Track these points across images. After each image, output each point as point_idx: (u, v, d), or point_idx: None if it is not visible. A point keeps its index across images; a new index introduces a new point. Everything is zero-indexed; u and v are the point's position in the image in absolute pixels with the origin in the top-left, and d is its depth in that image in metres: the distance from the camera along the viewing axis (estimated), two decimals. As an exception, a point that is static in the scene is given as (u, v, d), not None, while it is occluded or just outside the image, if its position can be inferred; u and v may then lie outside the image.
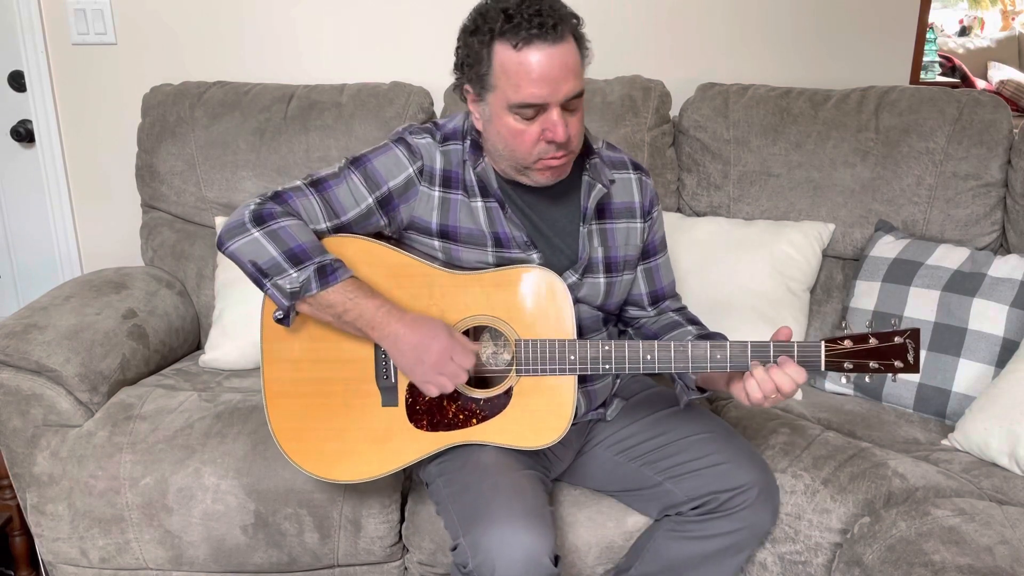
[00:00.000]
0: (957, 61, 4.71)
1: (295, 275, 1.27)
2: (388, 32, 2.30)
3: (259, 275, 1.29)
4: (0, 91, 2.39)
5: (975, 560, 1.28)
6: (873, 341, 1.26)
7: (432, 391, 1.30)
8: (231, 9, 2.27)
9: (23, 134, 2.39)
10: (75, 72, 2.32)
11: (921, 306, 1.81)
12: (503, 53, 1.24)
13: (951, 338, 1.76)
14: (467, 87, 1.32)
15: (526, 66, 1.22)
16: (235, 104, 2.12)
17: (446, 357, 1.28)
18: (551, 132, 1.26)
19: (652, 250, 1.53)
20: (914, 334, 1.25)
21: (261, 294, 1.35)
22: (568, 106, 1.26)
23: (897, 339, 1.26)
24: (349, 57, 2.31)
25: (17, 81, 2.37)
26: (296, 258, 1.27)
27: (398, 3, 2.27)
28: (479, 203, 1.38)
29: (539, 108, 1.25)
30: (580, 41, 1.28)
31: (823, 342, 1.27)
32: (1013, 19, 5.23)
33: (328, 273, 1.27)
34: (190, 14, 2.27)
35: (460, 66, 1.31)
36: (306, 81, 2.21)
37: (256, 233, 1.28)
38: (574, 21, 1.27)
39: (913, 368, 1.26)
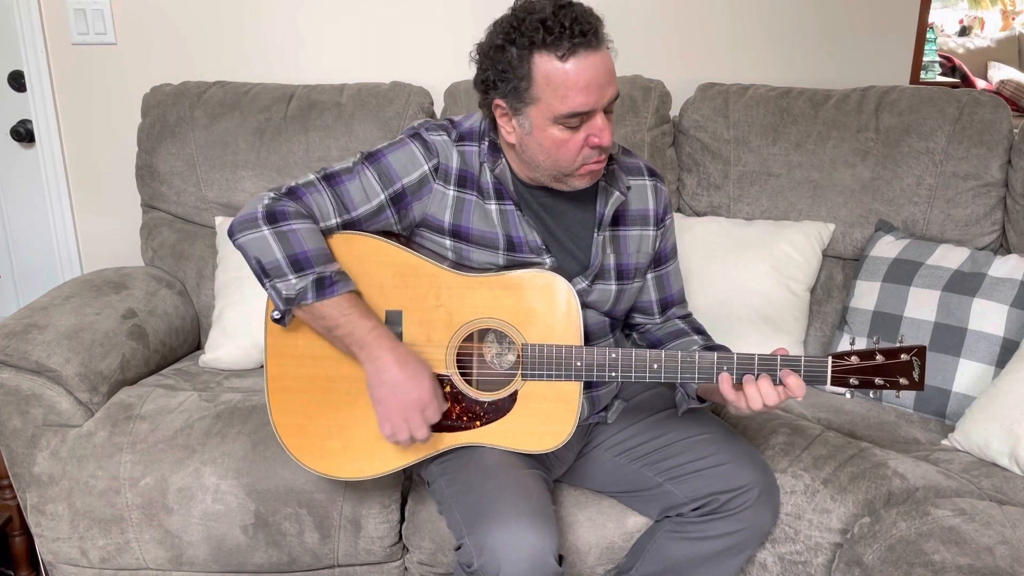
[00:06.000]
0: (957, 61, 4.71)
1: (294, 282, 1.26)
2: (388, 32, 2.30)
3: (261, 273, 1.29)
4: (0, 91, 2.39)
5: (975, 560, 1.28)
6: (880, 358, 1.26)
7: (386, 430, 1.29)
8: (231, 9, 2.27)
9: (23, 134, 2.39)
10: (75, 72, 2.32)
11: (921, 306, 1.81)
12: (546, 65, 1.21)
13: (951, 338, 1.76)
14: (499, 102, 1.28)
15: (573, 76, 1.20)
16: (235, 104, 2.12)
17: (419, 408, 1.28)
18: (597, 138, 1.25)
19: (663, 257, 1.52)
20: (920, 352, 1.25)
21: (261, 293, 1.35)
22: (607, 109, 1.26)
23: (903, 356, 1.25)
24: (349, 57, 2.31)
25: (17, 81, 2.37)
26: (298, 265, 1.27)
27: (398, 3, 2.27)
28: (493, 205, 1.37)
29: (584, 116, 1.24)
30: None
31: (830, 357, 1.27)
32: (1013, 19, 5.23)
33: (326, 285, 1.26)
34: (190, 14, 2.27)
35: (491, 82, 1.27)
36: (306, 81, 2.21)
37: (265, 231, 1.27)
38: (601, 26, 1.25)
39: (918, 386, 1.26)
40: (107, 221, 2.42)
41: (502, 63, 1.24)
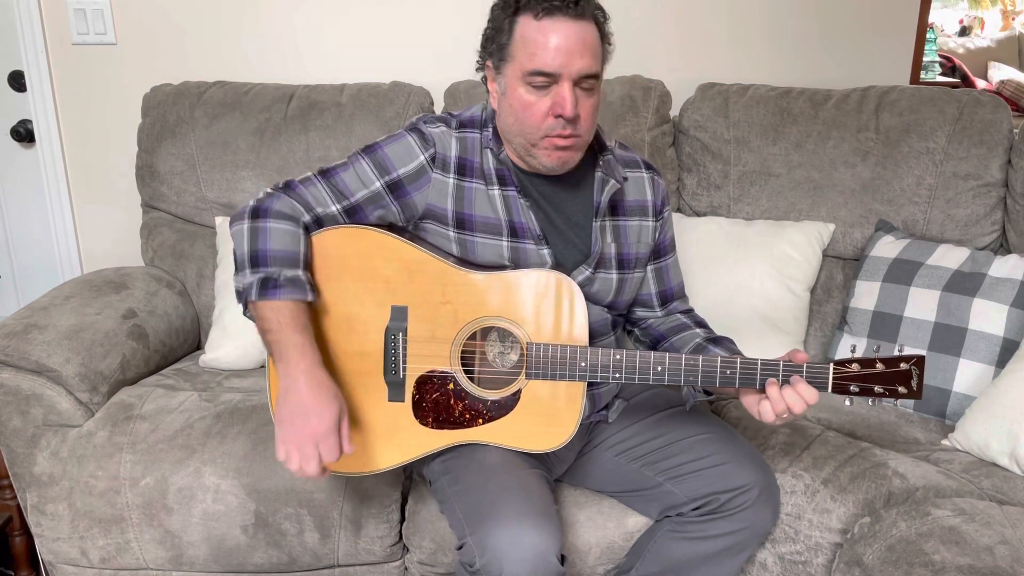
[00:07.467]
0: (957, 61, 4.71)
1: (247, 275, 1.28)
2: (388, 32, 2.30)
3: (235, 264, 1.32)
4: (0, 91, 2.39)
5: (975, 560, 1.28)
6: (880, 366, 1.27)
7: (280, 454, 1.24)
8: (231, 9, 2.27)
9: (23, 134, 2.39)
10: (75, 72, 2.32)
11: (921, 306, 1.81)
12: (525, 24, 1.27)
13: (951, 338, 1.76)
14: (488, 63, 1.34)
15: (544, 35, 1.25)
16: (235, 104, 2.12)
17: (314, 440, 1.23)
18: (559, 106, 1.26)
19: (662, 250, 1.54)
20: (919, 361, 1.27)
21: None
22: (582, 85, 1.28)
23: (903, 365, 1.27)
24: (349, 57, 2.31)
25: (17, 81, 2.37)
26: (255, 260, 1.28)
27: (398, 3, 2.27)
28: (496, 191, 1.38)
29: (551, 80, 1.26)
30: (602, 31, 1.30)
31: (831, 364, 1.28)
32: (1013, 19, 5.23)
33: (269, 287, 1.26)
34: (190, 14, 2.27)
35: (485, 41, 1.34)
36: (306, 81, 2.21)
37: (245, 224, 1.30)
38: (598, 11, 1.30)
39: (916, 394, 1.28)
40: (107, 221, 2.42)
41: (495, 21, 1.31)
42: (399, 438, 1.37)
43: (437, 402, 1.36)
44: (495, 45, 1.31)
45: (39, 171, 2.39)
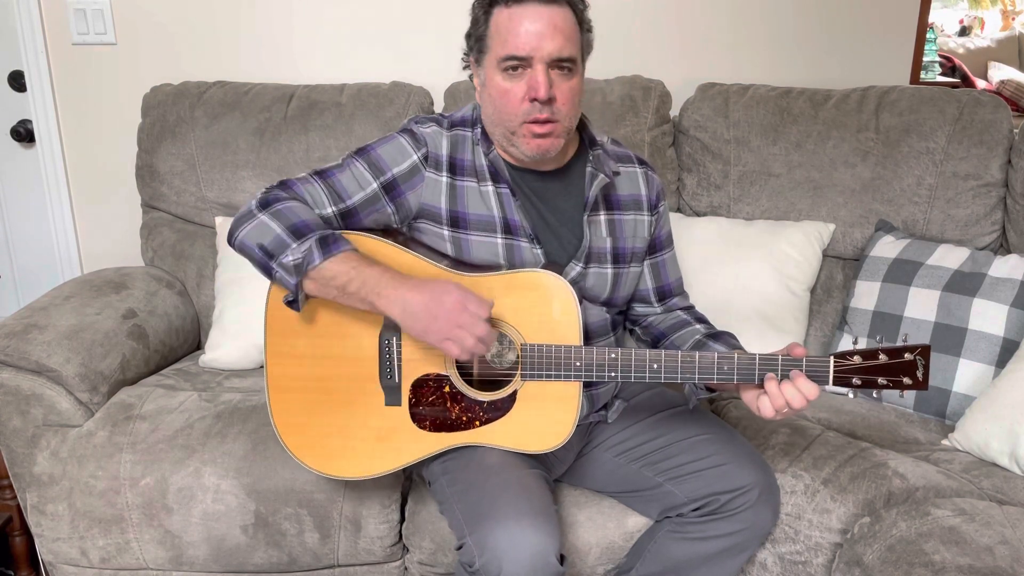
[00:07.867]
0: (957, 61, 4.71)
1: (297, 247, 1.26)
2: (388, 32, 2.30)
3: (266, 258, 1.28)
4: (0, 91, 2.39)
5: (975, 560, 1.28)
6: (883, 357, 1.24)
7: (453, 349, 1.23)
8: (231, 9, 2.27)
9: (23, 134, 2.39)
10: (75, 72, 2.32)
11: (921, 306, 1.81)
12: (498, 13, 1.29)
13: (951, 338, 1.76)
14: (471, 58, 1.36)
15: (515, 20, 1.27)
16: (235, 104, 2.12)
17: (460, 307, 1.22)
18: (533, 89, 1.27)
19: (658, 245, 1.54)
20: (924, 351, 1.23)
21: (261, 293, 1.35)
22: (558, 69, 1.28)
23: (907, 355, 1.24)
24: (349, 57, 2.31)
25: (17, 81, 2.37)
26: (299, 231, 1.28)
27: (398, 3, 2.27)
28: (490, 187, 1.38)
29: (525, 64, 1.27)
30: (579, 16, 1.31)
31: (832, 357, 1.26)
32: (1013, 19, 5.23)
33: (331, 242, 1.27)
34: (190, 14, 2.28)
35: (466, 38, 1.36)
36: (306, 81, 2.21)
37: (262, 216, 1.29)
38: None
39: (922, 385, 1.25)
40: (107, 221, 2.42)
41: (475, 15, 1.33)
42: (397, 441, 1.37)
43: (434, 405, 1.36)
44: (474, 39, 1.33)
45: (39, 171, 2.39)
